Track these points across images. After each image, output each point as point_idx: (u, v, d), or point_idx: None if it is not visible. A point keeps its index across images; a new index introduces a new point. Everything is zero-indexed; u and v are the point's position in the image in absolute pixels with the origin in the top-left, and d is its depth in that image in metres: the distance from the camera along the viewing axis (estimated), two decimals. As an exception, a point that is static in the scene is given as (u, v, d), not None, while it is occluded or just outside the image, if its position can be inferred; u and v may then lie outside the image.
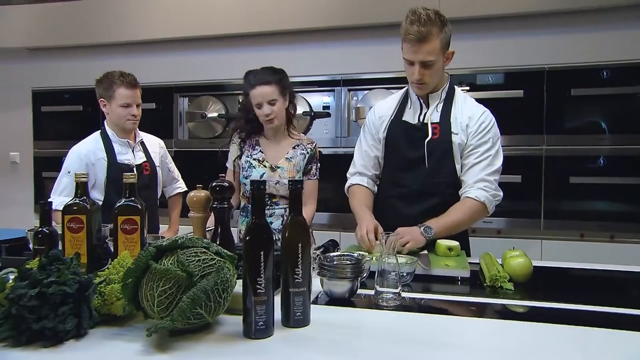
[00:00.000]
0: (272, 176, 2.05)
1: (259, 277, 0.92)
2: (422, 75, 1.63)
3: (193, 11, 3.13)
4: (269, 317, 0.94)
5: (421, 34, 1.56)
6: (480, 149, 1.69)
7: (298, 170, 2.08)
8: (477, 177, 1.67)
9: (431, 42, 1.57)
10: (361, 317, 1.10)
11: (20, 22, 3.51)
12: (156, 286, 0.92)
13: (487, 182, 1.67)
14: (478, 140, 1.69)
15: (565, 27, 2.64)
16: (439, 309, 1.19)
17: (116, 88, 2.12)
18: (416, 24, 1.56)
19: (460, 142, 1.69)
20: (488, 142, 1.69)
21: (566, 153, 2.64)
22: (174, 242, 0.98)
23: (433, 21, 1.58)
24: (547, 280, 1.50)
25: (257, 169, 2.07)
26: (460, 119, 1.71)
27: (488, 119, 1.72)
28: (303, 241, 0.99)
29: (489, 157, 1.69)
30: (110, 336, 0.94)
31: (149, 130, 3.33)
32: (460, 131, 1.69)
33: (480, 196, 1.65)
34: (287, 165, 2.07)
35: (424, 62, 1.60)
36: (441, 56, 1.63)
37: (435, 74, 1.66)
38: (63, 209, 1.23)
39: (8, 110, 3.75)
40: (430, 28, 1.56)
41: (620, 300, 1.21)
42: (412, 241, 1.54)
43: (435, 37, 1.58)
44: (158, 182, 2.28)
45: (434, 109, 1.73)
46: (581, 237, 2.66)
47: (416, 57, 1.60)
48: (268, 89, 1.96)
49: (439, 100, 1.74)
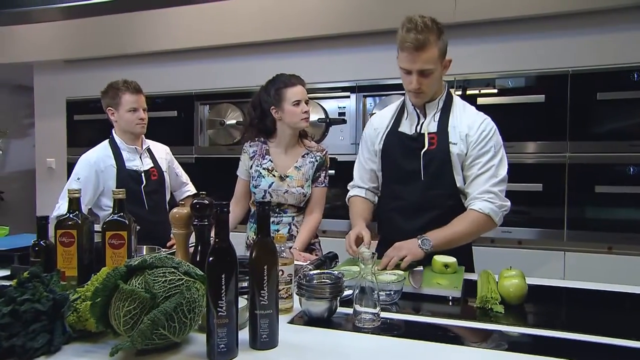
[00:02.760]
0: (280, 185, 2.05)
1: (220, 299, 0.92)
2: (420, 84, 1.58)
3: (212, 21, 3.19)
4: (231, 339, 0.94)
5: (419, 42, 1.51)
6: (483, 159, 1.62)
7: (307, 179, 2.07)
8: (481, 189, 1.61)
9: (429, 50, 1.53)
10: (336, 340, 1.08)
11: (57, 36, 3.70)
12: (122, 306, 0.94)
13: (492, 193, 1.61)
14: (479, 150, 1.63)
15: (590, 27, 2.50)
16: (422, 333, 1.12)
17: (122, 95, 2.20)
18: (413, 32, 1.52)
19: (460, 153, 1.63)
20: (490, 152, 1.63)
21: (592, 160, 2.50)
22: (143, 261, 1.00)
23: (430, 29, 1.53)
24: (545, 303, 1.42)
25: (266, 178, 2.07)
26: (460, 128, 1.65)
27: (489, 127, 1.65)
28: (269, 263, 0.99)
29: (493, 167, 1.62)
30: (82, 353, 0.98)
31: (171, 137, 3.43)
32: (459, 141, 1.64)
33: (485, 208, 1.59)
34: (296, 174, 2.06)
35: (422, 71, 1.56)
36: (439, 64, 1.59)
37: (434, 82, 1.62)
38: (55, 224, 1.28)
39: (45, 119, 3.97)
40: (427, 36, 1.52)
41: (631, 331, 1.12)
42: (410, 255, 1.50)
43: (433, 44, 1.54)
44: (166, 186, 2.35)
45: (431, 118, 1.68)
46: (609, 249, 2.51)
47: (414, 65, 1.56)
48: (304, 89, 2.04)
49: (436, 109, 1.69)
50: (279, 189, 2.05)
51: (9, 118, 4.65)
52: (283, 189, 2.05)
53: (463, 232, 1.60)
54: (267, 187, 2.06)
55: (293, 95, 2.00)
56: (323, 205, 2.13)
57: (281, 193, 2.05)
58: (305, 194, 2.06)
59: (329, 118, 3.02)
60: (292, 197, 2.05)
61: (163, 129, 3.41)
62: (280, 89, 2.02)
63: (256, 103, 2.11)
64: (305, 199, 2.07)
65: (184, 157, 3.35)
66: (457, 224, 1.60)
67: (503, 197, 1.63)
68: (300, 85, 2.04)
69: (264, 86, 2.09)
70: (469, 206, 1.63)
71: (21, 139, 4.69)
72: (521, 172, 2.60)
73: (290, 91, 2.00)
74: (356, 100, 2.97)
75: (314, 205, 2.09)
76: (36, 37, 3.74)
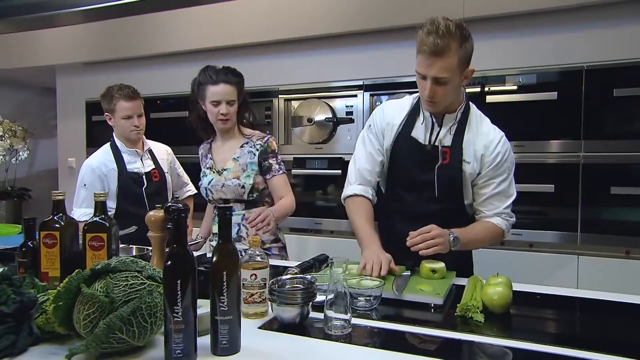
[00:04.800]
0: (218, 180, 1.98)
1: (175, 304, 0.92)
2: (433, 93, 1.47)
3: (221, 22, 3.22)
4: (187, 345, 0.93)
5: (437, 47, 1.40)
6: (497, 179, 1.59)
7: (244, 169, 1.96)
8: (496, 210, 1.61)
9: (447, 57, 1.42)
10: (303, 348, 1.06)
11: (77, 39, 3.81)
12: (83, 309, 0.95)
13: (505, 213, 1.62)
14: (495, 172, 1.58)
15: (606, 20, 2.38)
16: (393, 343, 1.09)
17: (116, 102, 2.22)
18: (433, 35, 1.40)
19: (472, 172, 1.58)
20: (504, 173, 1.60)
21: (607, 160, 2.38)
22: (107, 265, 1.01)
23: (452, 34, 1.41)
24: (532, 312, 1.35)
25: (207, 176, 2.02)
26: (475, 147, 1.58)
27: (504, 148, 1.59)
28: (229, 269, 0.98)
29: (505, 187, 1.60)
30: (47, 354, 0.99)
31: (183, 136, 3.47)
32: (473, 160, 1.57)
33: (501, 224, 1.61)
34: (233, 166, 1.97)
35: (437, 78, 1.45)
36: (458, 74, 1.47)
37: (450, 92, 1.50)
38: (39, 226, 1.31)
39: (67, 120, 4.10)
40: (448, 41, 1.40)
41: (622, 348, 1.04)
42: (440, 245, 1.44)
43: (452, 52, 1.42)
44: (168, 187, 2.37)
45: (447, 130, 1.59)
46: (627, 254, 2.39)
47: (429, 71, 1.45)
48: (229, 88, 1.91)
49: (453, 121, 1.59)
50: (217, 184, 1.98)
51: (36, 119, 4.82)
52: (220, 184, 1.97)
53: (482, 239, 1.61)
54: (207, 185, 2.01)
55: (212, 94, 1.90)
56: (290, 189, 2.02)
57: (219, 188, 1.98)
58: (243, 185, 1.94)
59: (336, 117, 2.99)
60: (229, 191, 1.96)
61: (174, 129, 3.46)
62: (201, 87, 1.94)
63: (194, 97, 2.02)
64: (245, 192, 1.94)
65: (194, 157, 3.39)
66: (478, 230, 1.60)
67: (512, 214, 1.64)
68: (225, 84, 1.90)
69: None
70: (483, 219, 1.62)
71: (48, 139, 4.86)
72: (533, 172, 2.51)
73: (211, 90, 1.90)
74: (364, 99, 2.93)
75: (281, 192, 1.97)
76: (58, 41, 3.87)
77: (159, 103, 3.55)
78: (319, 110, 3.04)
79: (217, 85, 1.91)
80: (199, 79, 1.97)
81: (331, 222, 2.99)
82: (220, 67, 1.96)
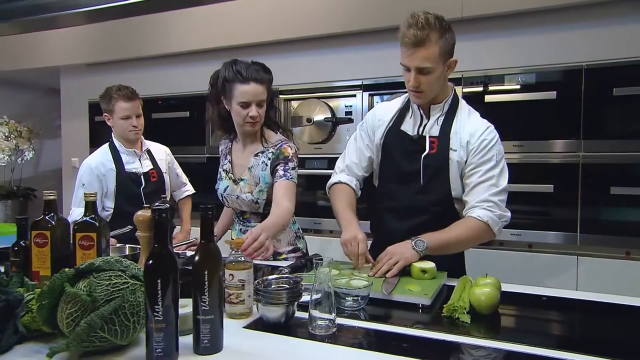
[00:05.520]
0: (234, 190, 1.84)
1: (156, 304, 0.92)
2: (418, 83, 1.53)
3: (221, 23, 3.23)
4: (168, 344, 0.93)
5: (417, 38, 1.46)
6: (483, 167, 1.57)
7: (257, 183, 1.80)
8: (480, 198, 1.55)
9: (428, 47, 1.48)
10: (286, 348, 1.06)
11: (80, 41, 3.84)
12: (66, 308, 0.96)
13: (491, 202, 1.55)
14: (480, 159, 1.57)
15: (606, 18, 2.35)
16: (378, 343, 1.09)
17: (115, 102, 2.24)
18: (413, 27, 1.47)
19: (459, 160, 1.58)
20: (491, 161, 1.57)
21: (607, 160, 2.35)
22: (91, 264, 1.02)
23: (432, 26, 1.47)
24: (521, 313, 1.34)
25: (223, 181, 1.89)
26: (461, 135, 1.59)
27: (490, 135, 1.58)
28: (210, 269, 0.98)
29: (493, 177, 1.56)
30: (32, 353, 1.00)
31: (183, 136, 3.50)
32: (459, 148, 1.58)
33: (484, 216, 1.53)
34: (249, 178, 1.82)
35: (420, 69, 1.50)
36: (440, 64, 1.52)
37: (434, 82, 1.55)
38: (31, 225, 1.33)
39: (71, 120, 4.14)
40: (428, 32, 1.46)
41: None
42: (402, 260, 1.45)
43: (433, 42, 1.48)
44: (166, 187, 2.38)
45: (434, 121, 1.62)
46: (627, 255, 2.36)
47: (412, 62, 1.50)
48: (260, 88, 1.71)
49: (440, 112, 1.62)
50: (232, 194, 1.84)
51: (42, 120, 4.87)
52: (235, 194, 1.84)
53: (460, 238, 1.54)
54: (223, 192, 1.88)
55: (242, 94, 1.70)
56: (292, 198, 1.76)
57: (234, 199, 1.84)
58: (256, 200, 1.80)
59: (335, 117, 2.99)
60: (244, 204, 1.83)
61: (175, 129, 3.49)
62: (228, 83, 1.72)
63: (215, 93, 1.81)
64: (260, 206, 1.81)
65: (195, 157, 3.42)
66: (454, 229, 1.54)
67: (503, 207, 1.57)
68: (257, 83, 1.70)
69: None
70: (467, 214, 1.57)
71: (53, 140, 4.91)
72: (532, 172, 2.49)
73: (240, 89, 1.70)
74: (362, 99, 2.92)
75: (276, 199, 1.73)
76: (62, 43, 3.91)
77: (160, 103, 3.57)
78: (318, 110, 3.04)
79: (248, 85, 1.70)
80: (225, 75, 1.73)
81: (331, 222, 2.98)
82: (250, 62, 1.74)
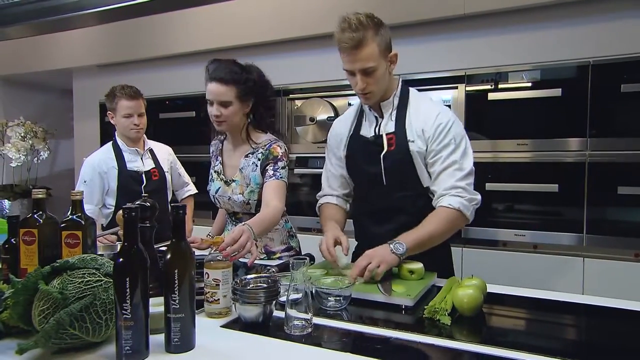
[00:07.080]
0: (225, 192, 1.85)
1: (124, 302, 0.93)
2: (365, 84, 1.51)
3: (225, 23, 3.24)
4: (137, 342, 0.94)
5: (354, 41, 1.45)
6: (443, 153, 1.53)
7: (247, 184, 1.80)
8: (447, 185, 1.52)
9: (367, 47, 1.46)
10: (259, 347, 1.05)
11: (91, 43, 3.92)
12: (39, 305, 0.98)
13: (459, 187, 1.52)
14: (439, 145, 1.54)
15: (613, 12, 2.28)
16: (354, 345, 1.07)
17: (118, 100, 2.28)
18: (348, 31, 1.46)
19: (420, 150, 1.55)
20: (450, 145, 1.53)
21: (614, 159, 2.28)
22: (65, 262, 1.03)
23: (366, 25, 1.46)
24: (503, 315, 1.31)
25: (215, 182, 1.89)
26: (415, 125, 1.57)
27: (445, 118, 1.55)
28: (181, 267, 0.98)
29: (456, 162, 1.53)
30: (7, 349, 1.01)
31: (188, 135, 3.53)
32: (416, 138, 1.56)
33: (454, 203, 1.49)
34: (240, 179, 1.82)
35: (364, 70, 1.49)
36: (382, 60, 1.51)
37: (380, 80, 1.53)
38: (20, 222, 1.35)
39: (83, 120, 4.23)
40: (363, 33, 1.45)
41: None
42: (383, 264, 1.40)
43: (370, 41, 1.47)
44: (167, 186, 2.41)
45: (388, 118, 1.61)
46: (635, 256, 2.28)
47: (355, 65, 1.49)
48: (223, 88, 1.70)
49: (392, 107, 1.61)
50: (224, 195, 1.85)
51: (56, 120, 4.98)
52: (227, 196, 1.84)
53: (435, 231, 1.50)
54: (215, 193, 1.89)
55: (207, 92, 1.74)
56: (282, 198, 1.75)
57: (226, 200, 1.85)
58: (248, 201, 1.80)
59: (338, 116, 2.97)
60: (236, 205, 1.84)
61: (182, 129, 3.53)
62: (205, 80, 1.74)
63: None
64: (251, 207, 1.82)
65: (202, 157, 3.44)
66: (428, 224, 1.50)
67: (472, 191, 1.54)
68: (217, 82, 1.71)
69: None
70: (437, 204, 1.54)
71: (67, 140, 5.01)
72: (537, 171, 2.44)
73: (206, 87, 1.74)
74: (365, 98, 2.90)
75: (265, 199, 1.72)
76: (73, 45, 3.99)
77: (167, 104, 3.61)
78: (321, 109, 3.03)
79: (210, 83, 1.73)
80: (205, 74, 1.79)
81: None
82: (227, 62, 1.75)
